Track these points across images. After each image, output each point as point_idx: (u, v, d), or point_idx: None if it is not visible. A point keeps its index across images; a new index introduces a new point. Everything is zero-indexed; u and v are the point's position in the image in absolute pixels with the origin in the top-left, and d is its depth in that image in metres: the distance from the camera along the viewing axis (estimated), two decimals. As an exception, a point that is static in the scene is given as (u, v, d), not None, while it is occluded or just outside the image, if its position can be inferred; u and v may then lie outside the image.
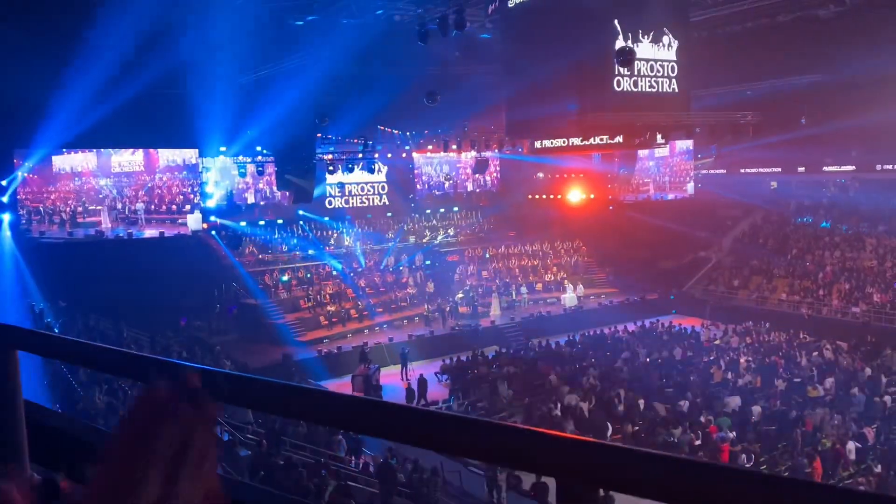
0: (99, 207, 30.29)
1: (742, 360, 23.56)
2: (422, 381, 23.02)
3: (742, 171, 39.47)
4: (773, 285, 33.47)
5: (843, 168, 36.14)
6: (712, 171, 40.84)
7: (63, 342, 2.24)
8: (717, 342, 26.68)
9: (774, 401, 20.02)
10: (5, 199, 27.18)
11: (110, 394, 16.65)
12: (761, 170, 38.90)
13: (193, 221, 31.09)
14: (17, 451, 1.81)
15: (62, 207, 29.64)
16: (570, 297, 33.82)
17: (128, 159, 31.00)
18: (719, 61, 29.90)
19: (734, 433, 17.52)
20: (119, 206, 30.75)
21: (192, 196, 32.19)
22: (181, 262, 27.96)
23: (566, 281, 35.27)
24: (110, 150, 30.27)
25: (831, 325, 28.48)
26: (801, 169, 37.35)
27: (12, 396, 1.89)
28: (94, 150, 29.99)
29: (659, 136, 27.75)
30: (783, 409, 19.10)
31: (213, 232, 32.08)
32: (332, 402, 1.56)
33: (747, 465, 15.88)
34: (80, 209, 29.86)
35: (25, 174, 28.16)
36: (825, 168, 36.56)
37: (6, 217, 27.07)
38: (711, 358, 24.37)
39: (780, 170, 38.15)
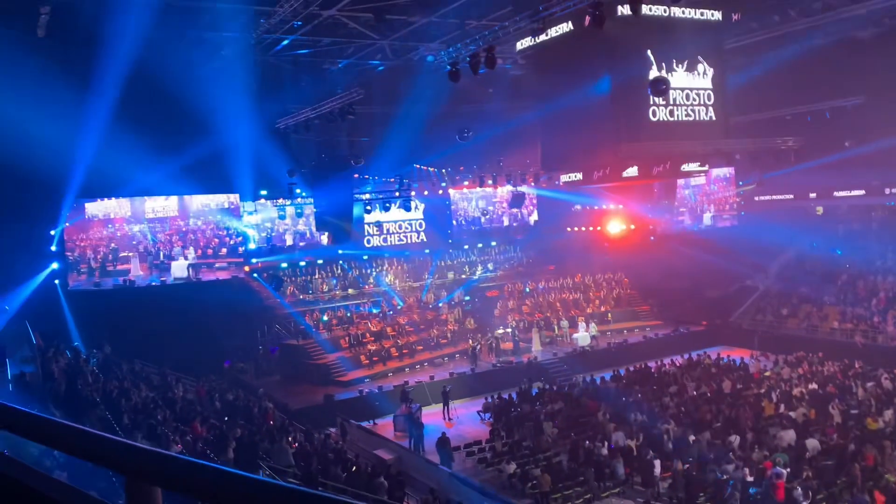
0: (131, 254, 30.36)
1: (795, 392, 22.73)
2: (443, 441, 20.86)
3: (756, 198, 38.51)
4: (823, 313, 32.40)
5: (854, 193, 35.00)
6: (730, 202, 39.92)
7: (46, 423, 2.13)
8: (767, 374, 25.81)
9: (832, 433, 19.22)
10: (54, 247, 27.87)
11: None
12: (774, 196, 37.82)
13: (178, 269, 30.78)
14: None
15: (91, 256, 29.65)
16: (582, 336, 32.83)
17: (161, 204, 31.30)
18: (757, 87, 29.47)
19: (789, 469, 16.82)
20: (153, 251, 30.94)
21: (227, 240, 32.53)
22: (222, 305, 28.26)
23: (580, 318, 34.25)
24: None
25: (887, 353, 27.35)
26: (813, 195, 36.29)
27: None
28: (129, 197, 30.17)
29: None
30: (841, 443, 18.30)
31: (255, 274, 32.45)
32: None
33: (804, 503, 15.21)
34: (110, 256, 29.96)
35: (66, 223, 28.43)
36: (836, 193, 35.43)
37: (55, 266, 27.76)
38: (762, 390, 23.56)
39: (792, 196, 37.01)
